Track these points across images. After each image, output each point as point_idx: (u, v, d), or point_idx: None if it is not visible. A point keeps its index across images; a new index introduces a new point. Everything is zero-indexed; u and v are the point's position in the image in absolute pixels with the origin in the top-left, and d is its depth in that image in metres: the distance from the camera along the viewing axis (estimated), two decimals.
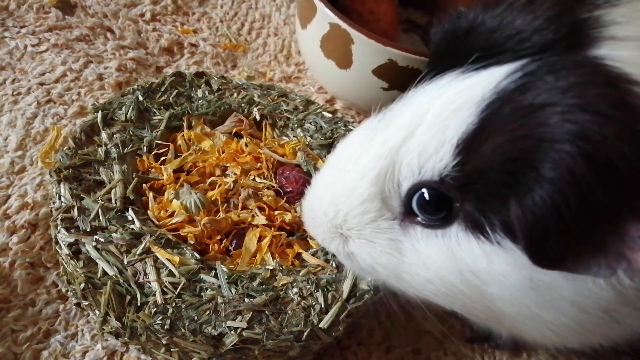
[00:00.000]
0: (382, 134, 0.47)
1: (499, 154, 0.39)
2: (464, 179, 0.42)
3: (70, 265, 0.62)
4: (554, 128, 0.37)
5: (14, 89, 0.89)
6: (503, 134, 0.39)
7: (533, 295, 0.45)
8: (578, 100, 0.37)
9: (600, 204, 0.37)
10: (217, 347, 0.58)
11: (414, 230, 0.48)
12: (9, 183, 0.76)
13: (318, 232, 0.53)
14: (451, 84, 0.45)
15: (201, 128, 0.80)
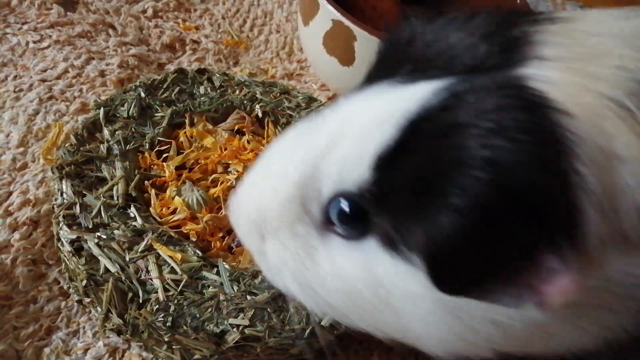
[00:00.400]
0: (308, 139, 0.46)
1: (412, 174, 0.38)
2: (380, 195, 0.41)
3: (72, 262, 0.62)
4: (467, 152, 0.36)
5: (16, 86, 0.88)
6: (418, 153, 0.38)
7: (449, 319, 0.43)
8: (494, 124, 0.35)
9: (510, 235, 0.35)
10: (219, 344, 0.58)
11: (331, 240, 0.47)
12: (11, 180, 0.76)
13: (239, 225, 0.52)
14: (380, 95, 0.44)
15: (203, 125, 0.80)
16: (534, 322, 0.41)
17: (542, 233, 0.35)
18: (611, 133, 0.36)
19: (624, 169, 0.36)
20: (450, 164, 0.36)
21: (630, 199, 0.36)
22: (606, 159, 0.36)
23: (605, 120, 0.36)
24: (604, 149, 0.36)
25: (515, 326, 0.41)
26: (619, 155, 0.36)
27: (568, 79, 0.38)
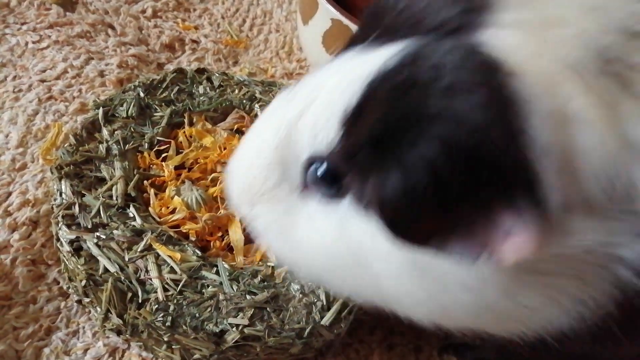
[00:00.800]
0: (286, 105, 0.48)
1: (369, 129, 0.39)
2: (347, 153, 0.42)
3: (71, 262, 0.62)
4: (416, 108, 0.37)
5: (15, 86, 0.88)
6: (377, 111, 0.39)
7: (417, 277, 0.43)
8: (448, 83, 0.36)
9: (462, 190, 0.35)
10: (219, 344, 0.58)
11: (310, 202, 0.48)
12: (10, 180, 0.76)
13: (231, 194, 0.54)
14: (350, 59, 0.45)
15: (202, 124, 0.80)
16: (501, 288, 0.41)
17: (496, 192, 0.35)
18: (566, 96, 0.37)
19: (580, 131, 0.36)
20: (401, 119, 0.37)
21: (588, 161, 0.37)
22: (560, 120, 0.36)
23: (560, 83, 0.37)
24: (558, 110, 0.36)
25: (483, 291, 0.41)
26: (575, 117, 0.36)
27: (525, 43, 0.38)
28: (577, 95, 0.37)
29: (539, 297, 0.42)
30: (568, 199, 0.37)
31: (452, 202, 0.36)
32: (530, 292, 0.42)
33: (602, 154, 0.37)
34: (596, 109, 0.37)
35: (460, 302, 0.43)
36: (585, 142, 0.36)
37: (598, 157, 0.37)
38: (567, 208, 0.37)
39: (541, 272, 0.40)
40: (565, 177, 0.36)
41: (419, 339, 0.73)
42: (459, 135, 0.35)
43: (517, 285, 0.41)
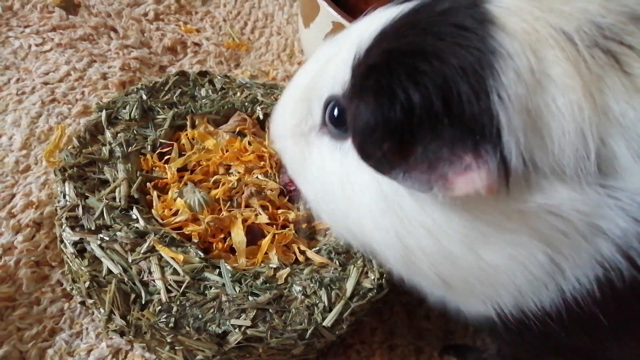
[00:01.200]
0: (323, 51, 0.53)
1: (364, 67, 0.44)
2: (352, 92, 0.46)
3: (75, 264, 0.62)
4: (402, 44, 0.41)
5: (19, 89, 0.89)
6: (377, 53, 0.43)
7: (388, 215, 0.46)
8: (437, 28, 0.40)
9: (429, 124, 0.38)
10: (221, 345, 0.59)
11: (324, 139, 0.52)
12: (14, 182, 0.77)
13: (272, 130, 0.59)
14: (377, 14, 0.49)
15: (205, 127, 0.80)
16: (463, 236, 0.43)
17: (462, 132, 0.38)
18: (548, 59, 0.38)
19: (556, 94, 0.38)
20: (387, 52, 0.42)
21: (560, 125, 0.38)
22: (538, 81, 0.38)
23: (546, 46, 0.39)
24: (535, 70, 0.38)
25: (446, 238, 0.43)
26: (554, 80, 0.38)
27: (525, 6, 0.41)
28: (561, 60, 0.38)
29: (502, 255, 0.43)
30: (537, 158, 0.38)
31: (419, 132, 0.39)
32: (492, 247, 0.42)
33: (576, 120, 0.38)
34: (578, 77, 0.38)
35: (423, 247, 0.45)
36: (560, 105, 0.38)
37: (571, 123, 0.38)
38: (536, 167, 0.39)
39: (503, 227, 0.41)
40: (534, 136, 0.38)
41: (420, 340, 0.74)
42: (437, 73, 0.38)
43: (477, 237, 0.42)
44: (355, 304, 0.63)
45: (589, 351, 0.50)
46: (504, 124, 0.37)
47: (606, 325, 0.42)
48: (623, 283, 0.40)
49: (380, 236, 0.48)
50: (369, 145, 0.42)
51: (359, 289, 0.65)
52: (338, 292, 0.64)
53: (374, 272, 0.66)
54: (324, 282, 0.64)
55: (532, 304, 0.44)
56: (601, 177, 0.39)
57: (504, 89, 0.37)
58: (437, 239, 0.44)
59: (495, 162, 0.37)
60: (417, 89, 0.38)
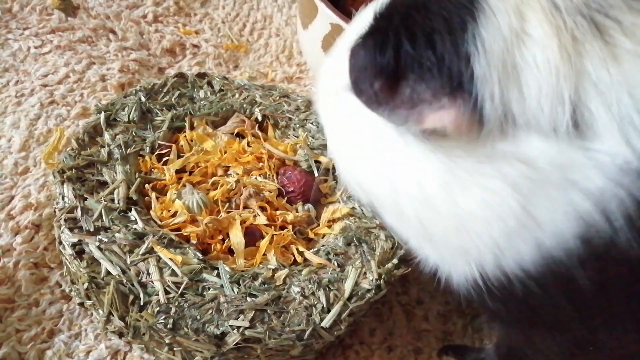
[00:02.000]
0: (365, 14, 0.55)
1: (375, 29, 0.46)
2: None
3: (73, 265, 0.63)
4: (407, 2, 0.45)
5: (17, 91, 0.89)
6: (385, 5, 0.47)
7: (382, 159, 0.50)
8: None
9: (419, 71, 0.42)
10: (220, 346, 0.59)
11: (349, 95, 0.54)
12: (13, 184, 0.77)
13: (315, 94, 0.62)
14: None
15: (203, 129, 0.80)
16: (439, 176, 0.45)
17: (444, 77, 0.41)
18: (530, 20, 0.41)
19: (534, 52, 0.40)
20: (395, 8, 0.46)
21: (536, 80, 0.40)
22: (516, 36, 0.40)
23: (530, 9, 0.41)
24: (516, 27, 0.41)
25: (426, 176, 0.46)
26: (533, 39, 0.40)
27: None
28: (543, 22, 0.40)
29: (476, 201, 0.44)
30: (514, 110, 0.41)
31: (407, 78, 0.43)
32: (467, 193, 0.44)
33: (552, 77, 0.40)
34: (556, 38, 0.40)
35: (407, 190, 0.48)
36: (538, 62, 0.40)
37: (547, 79, 0.40)
38: (513, 119, 0.41)
39: (477, 172, 0.44)
40: (512, 88, 0.40)
41: (418, 341, 0.74)
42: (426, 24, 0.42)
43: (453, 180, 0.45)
44: (354, 304, 0.63)
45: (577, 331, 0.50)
46: (478, 74, 0.40)
47: (588, 292, 0.42)
48: (602, 242, 0.40)
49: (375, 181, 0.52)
50: (362, 82, 0.45)
51: (357, 290, 0.65)
52: (336, 293, 0.64)
53: (372, 272, 0.66)
54: (322, 283, 0.64)
55: (511, 262, 0.45)
56: (580, 138, 0.40)
57: (481, 42, 0.40)
58: (418, 181, 0.47)
59: (468, 106, 0.41)
60: (408, 37, 0.42)
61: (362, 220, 0.72)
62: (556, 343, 0.52)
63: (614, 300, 0.44)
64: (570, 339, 0.51)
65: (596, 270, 0.42)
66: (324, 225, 0.74)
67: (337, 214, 0.74)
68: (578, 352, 0.52)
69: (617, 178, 0.39)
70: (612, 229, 0.40)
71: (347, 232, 0.70)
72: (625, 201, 0.39)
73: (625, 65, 0.39)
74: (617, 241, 0.40)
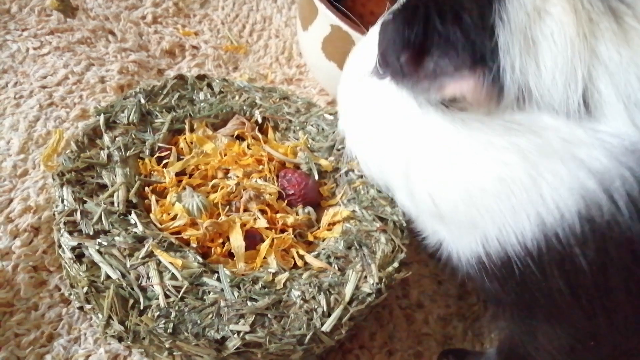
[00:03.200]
0: None
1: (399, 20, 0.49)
2: None
3: (73, 269, 0.62)
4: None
5: (16, 92, 0.89)
6: None
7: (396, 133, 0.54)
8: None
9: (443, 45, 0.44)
10: (220, 350, 0.59)
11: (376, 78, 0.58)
12: (12, 186, 0.77)
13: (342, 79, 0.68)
14: None
15: (203, 131, 0.80)
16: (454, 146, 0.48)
17: (470, 53, 0.43)
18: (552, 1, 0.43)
19: (552, 27, 0.43)
20: None
21: (551, 54, 0.42)
22: (537, 12, 0.43)
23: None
24: (536, 3, 0.43)
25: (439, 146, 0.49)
26: (551, 16, 0.43)
27: None
28: (562, 1, 0.43)
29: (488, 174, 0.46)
30: (531, 83, 0.43)
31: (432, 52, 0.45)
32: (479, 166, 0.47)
33: (568, 53, 0.42)
34: (574, 16, 0.42)
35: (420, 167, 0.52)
36: (554, 37, 0.42)
37: (564, 54, 0.42)
38: (529, 93, 0.43)
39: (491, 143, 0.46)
40: (530, 61, 0.43)
41: (418, 345, 0.74)
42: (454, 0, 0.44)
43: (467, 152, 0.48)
44: (354, 308, 0.63)
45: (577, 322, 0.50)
46: (502, 45, 0.42)
47: (587, 274, 0.43)
48: (603, 220, 0.42)
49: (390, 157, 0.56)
50: (389, 54, 0.49)
51: (357, 294, 0.65)
52: (337, 297, 0.64)
53: (372, 276, 0.66)
54: (322, 286, 0.64)
55: (513, 238, 0.46)
56: (588, 118, 0.42)
57: (505, 14, 0.43)
58: (433, 153, 0.50)
59: (488, 78, 0.43)
60: (437, 13, 0.44)
61: (362, 223, 0.72)
62: (557, 336, 0.52)
63: (613, 284, 0.44)
64: (571, 332, 0.51)
65: (596, 250, 0.43)
66: (324, 229, 0.74)
67: (338, 217, 0.74)
68: (579, 346, 0.51)
69: (623, 159, 0.41)
70: (615, 208, 0.41)
71: (347, 236, 0.70)
72: (630, 181, 0.40)
73: (635, 48, 0.41)
74: (620, 221, 0.41)
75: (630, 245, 0.41)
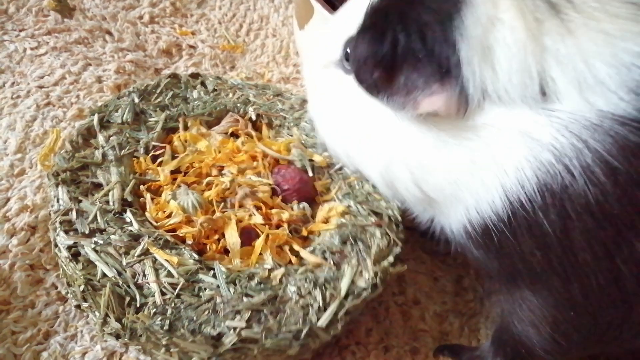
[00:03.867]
0: None
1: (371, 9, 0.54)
2: None
3: (69, 268, 0.62)
4: None
5: (13, 92, 0.89)
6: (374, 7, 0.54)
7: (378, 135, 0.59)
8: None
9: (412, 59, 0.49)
10: (217, 346, 0.59)
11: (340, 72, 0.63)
12: (9, 186, 0.77)
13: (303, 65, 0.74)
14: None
15: (197, 129, 0.80)
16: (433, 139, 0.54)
17: (434, 65, 0.48)
18: (501, 6, 0.48)
19: (504, 33, 0.47)
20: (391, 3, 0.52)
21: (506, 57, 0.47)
22: (491, 23, 0.47)
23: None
24: (492, 15, 0.48)
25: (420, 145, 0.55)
26: (503, 22, 0.47)
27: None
28: (510, 7, 0.47)
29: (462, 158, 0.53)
30: (489, 87, 0.48)
31: (402, 68, 0.50)
32: (455, 153, 0.53)
33: (521, 53, 0.47)
34: (522, 20, 0.47)
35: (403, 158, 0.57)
36: (507, 41, 0.47)
37: (517, 56, 0.47)
38: (487, 95, 0.49)
39: (462, 137, 0.52)
40: (487, 68, 0.48)
41: (415, 341, 0.74)
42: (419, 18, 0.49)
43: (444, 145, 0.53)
44: (350, 303, 0.63)
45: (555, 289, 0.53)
46: (464, 59, 0.47)
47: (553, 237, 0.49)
48: (560, 187, 0.47)
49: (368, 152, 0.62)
50: (363, 72, 0.53)
51: (353, 288, 0.65)
52: (332, 292, 0.64)
53: (368, 271, 0.66)
54: (318, 282, 0.64)
55: (488, 208, 0.52)
56: (544, 102, 0.48)
57: (465, 30, 0.47)
58: (414, 150, 0.56)
59: (455, 91, 0.48)
60: (403, 30, 0.49)
61: (357, 218, 0.72)
62: (539, 306, 0.57)
63: (578, 246, 0.49)
64: (550, 302, 0.55)
65: (557, 215, 0.48)
66: (319, 222, 0.74)
67: (333, 212, 0.74)
68: (560, 317, 0.55)
69: (576, 132, 0.46)
70: (571, 177, 0.47)
71: (342, 230, 0.70)
72: (583, 151, 0.46)
73: (578, 38, 0.47)
74: (575, 186, 0.47)
75: (588, 208, 0.47)
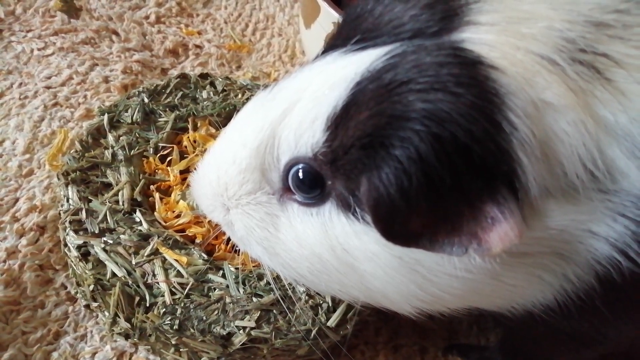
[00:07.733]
0: (266, 106, 0.48)
1: (358, 130, 0.40)
2: (332, 155, 0.43)
3: (79, 267, 0.63)
4: (405, 106, 0.38)
5: (21, 93, 0.89)
6: (364, 111, 0.40)
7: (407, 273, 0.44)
8: (431, 79, 0.38)
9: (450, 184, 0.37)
10: (226, 346, 0.59)
11: (291, 207, 0.48)
12: (17, 186, 0.77)
13: (202, 202, 0.53)
14: (332, 62, 0.46)
15: (206, 129, 0.80)
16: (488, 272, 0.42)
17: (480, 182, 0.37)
18: (542, 85, 0.38)
19: (557, 117, 0.38)
20: (390, 117, 0.39)
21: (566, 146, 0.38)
22: (537, 109, 0.38)
23: (535, 74, 0.39)
24: (534, 99, 0.38)
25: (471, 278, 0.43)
26: (551, 104, 0.38)
27: (500, 39, 0.40)
28: (551, 83, 0.38)
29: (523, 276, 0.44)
30: (547, 184, 0.39)
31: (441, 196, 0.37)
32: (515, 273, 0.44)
33: (579, 138, 0.38)
34: (571, 95, 0.38)
35: (449, 290, 0.45)
36: (563, 127, 0.38)
37: (576, 141, 0.38)
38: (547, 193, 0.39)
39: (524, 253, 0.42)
40: (544, 164, 0.38)
41: (424, 340, 0.74)
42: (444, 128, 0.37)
43: (502, 269, 0.42)
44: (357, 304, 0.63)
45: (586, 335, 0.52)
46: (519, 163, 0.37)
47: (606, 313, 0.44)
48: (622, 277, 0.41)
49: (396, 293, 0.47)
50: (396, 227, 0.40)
51: None
52: None
53: None
54: None
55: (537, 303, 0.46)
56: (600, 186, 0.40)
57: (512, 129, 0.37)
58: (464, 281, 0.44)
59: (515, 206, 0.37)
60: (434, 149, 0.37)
61: None
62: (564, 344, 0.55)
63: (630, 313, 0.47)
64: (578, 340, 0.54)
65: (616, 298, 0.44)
66: None
67: None
68: None
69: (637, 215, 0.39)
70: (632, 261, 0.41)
71: None
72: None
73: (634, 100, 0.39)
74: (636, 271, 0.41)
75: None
